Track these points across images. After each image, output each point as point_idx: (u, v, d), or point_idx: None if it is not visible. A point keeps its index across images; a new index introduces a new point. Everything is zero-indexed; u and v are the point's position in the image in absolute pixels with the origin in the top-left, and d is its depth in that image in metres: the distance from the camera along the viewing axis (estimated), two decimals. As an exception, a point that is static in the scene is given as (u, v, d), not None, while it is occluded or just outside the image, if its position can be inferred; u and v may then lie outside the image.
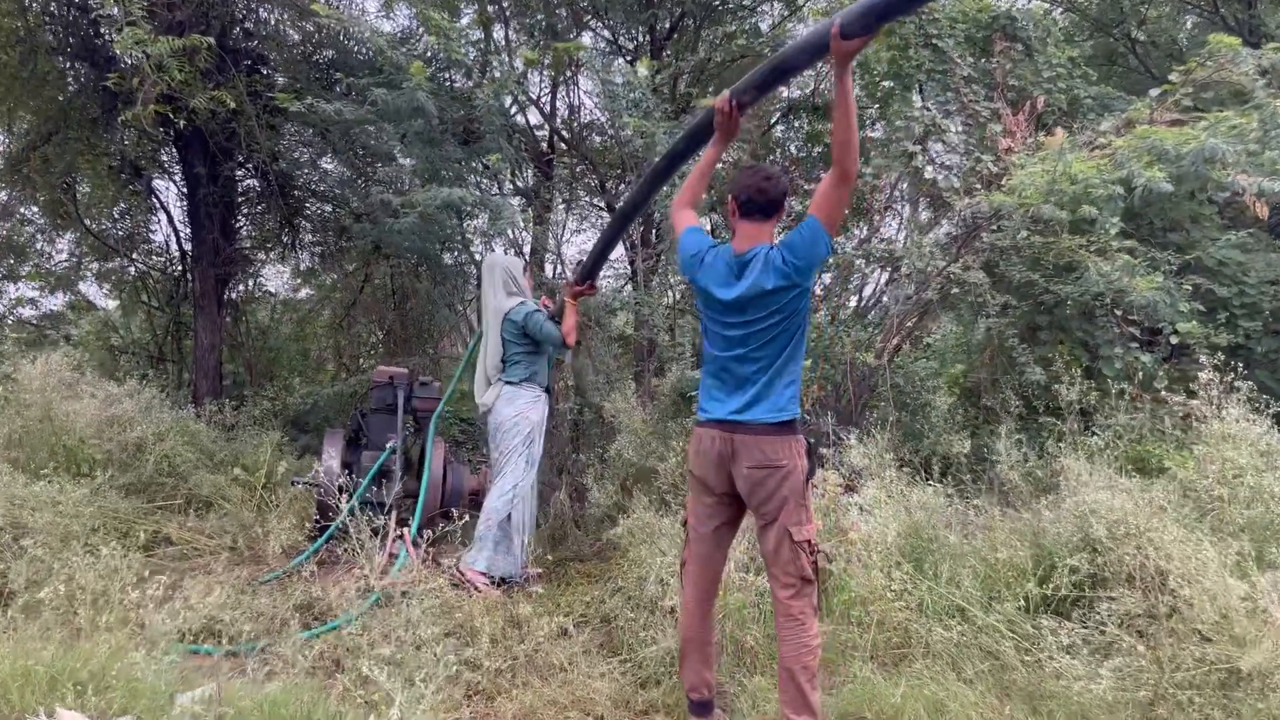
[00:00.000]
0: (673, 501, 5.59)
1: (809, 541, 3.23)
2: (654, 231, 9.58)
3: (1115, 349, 7.25)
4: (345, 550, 5.24)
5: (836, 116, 3.08)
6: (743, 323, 3.29)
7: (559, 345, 5.60)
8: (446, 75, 10.01)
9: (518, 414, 5.61)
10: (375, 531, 5.75)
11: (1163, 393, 7.11)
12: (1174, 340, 7.16)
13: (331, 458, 6.04)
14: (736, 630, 4.02)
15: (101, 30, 7.51)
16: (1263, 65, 7.51)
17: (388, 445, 6.12)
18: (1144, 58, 11.23)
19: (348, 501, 6.08)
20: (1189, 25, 12.19)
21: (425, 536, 5.13)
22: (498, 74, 7.65)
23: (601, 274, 10.45)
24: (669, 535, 4.86)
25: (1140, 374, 7.11)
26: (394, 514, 5.84)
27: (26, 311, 13.38)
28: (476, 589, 5.17)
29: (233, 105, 7.05)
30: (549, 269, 9.90)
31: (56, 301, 13.81)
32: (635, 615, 4.39)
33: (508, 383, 5.69)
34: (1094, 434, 6.82)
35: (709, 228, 10.35)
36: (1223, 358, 6.27)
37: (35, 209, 11.95)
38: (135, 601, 3.76)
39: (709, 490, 3.43)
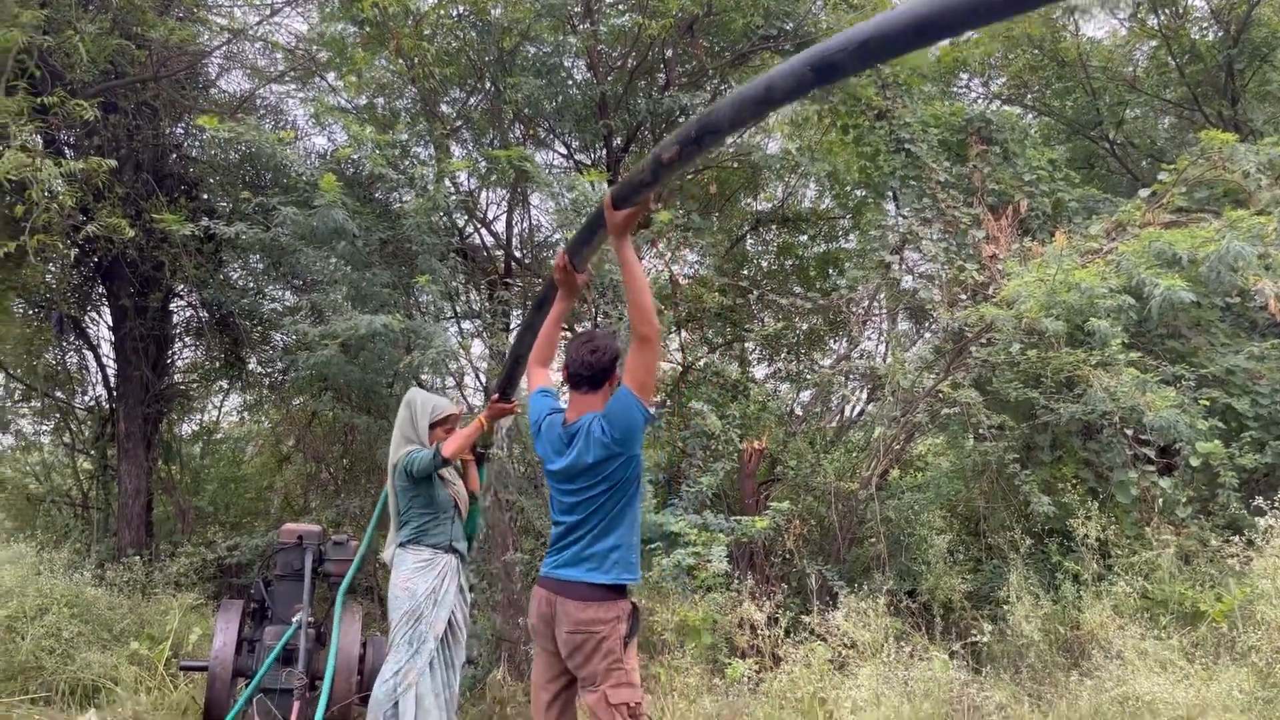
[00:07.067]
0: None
1: (627, 705, 3.15)
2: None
3: (1129, 473, 6.49)
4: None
5: (625, 285, 3.21)
6: (573, 490, 3.31)
7: (429, 466, 4.63)
8: (396, 195, 9.45)
9: (399, 585, 4.72)
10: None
11: (1187, 522, 6.34)
12: (1194, 463, 6.39)
13: (225, 636, 5.10)
14: None
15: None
16: (1261, 161, 6.96)
17: (294, 619, 5.18)
18: (1123, 159, 10.83)
19: (244, 689, 5.16)
20: (1165, 125, 11.89)
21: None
22: (429, 188, 6.99)
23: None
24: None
25: (1160, 501, 6.34)
26: (299, 704, 4.90)
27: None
28: None
29: (131, 233, 6.32)
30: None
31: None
32: None
33: (398, 545, 4.82)
34: (1114, 571, 6.02)
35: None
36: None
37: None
38: None
39: (543, 647, 3.39)
